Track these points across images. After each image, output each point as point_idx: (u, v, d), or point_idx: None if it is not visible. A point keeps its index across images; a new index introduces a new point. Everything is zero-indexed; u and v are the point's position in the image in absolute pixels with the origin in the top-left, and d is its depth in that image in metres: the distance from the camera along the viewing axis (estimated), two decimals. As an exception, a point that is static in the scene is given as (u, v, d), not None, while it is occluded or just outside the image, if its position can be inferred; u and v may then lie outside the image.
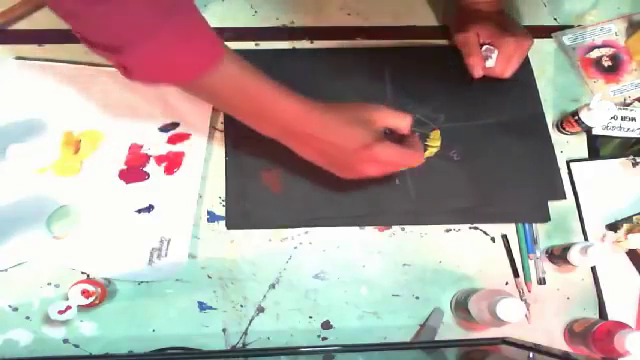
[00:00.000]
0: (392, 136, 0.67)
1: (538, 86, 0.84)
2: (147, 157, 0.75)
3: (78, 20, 0.53)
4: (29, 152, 0.73)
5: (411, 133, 0.68)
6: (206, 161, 0.75)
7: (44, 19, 0.81)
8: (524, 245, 0.76)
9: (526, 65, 0.83)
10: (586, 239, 0.77)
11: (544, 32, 0.88)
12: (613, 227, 0.77)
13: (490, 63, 0.77)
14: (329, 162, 0.66)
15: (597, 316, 0.74)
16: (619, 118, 0.81)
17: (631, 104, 0.84)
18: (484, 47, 0.77)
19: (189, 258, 0.71)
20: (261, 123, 0.64)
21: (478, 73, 0.76)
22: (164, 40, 0.54)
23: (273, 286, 0.72)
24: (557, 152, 0.80)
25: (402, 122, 0.66)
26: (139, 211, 0.72)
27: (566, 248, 0.71)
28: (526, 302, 0.73)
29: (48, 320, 0.65)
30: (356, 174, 0.66)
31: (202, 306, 0.70)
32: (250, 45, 0.82)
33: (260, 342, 0.70)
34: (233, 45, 0.82)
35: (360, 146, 0.63)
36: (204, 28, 0.58)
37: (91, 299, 0.64)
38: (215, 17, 0.84)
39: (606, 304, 0.74)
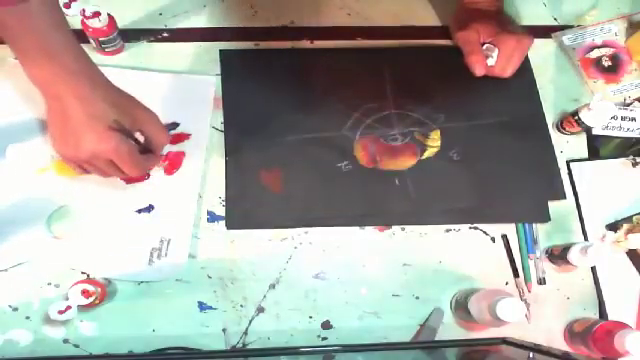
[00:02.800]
0: (140, 146, 0.67)
1: (538, 86, 0.84)
2: (147, 157, 0.75)
3: None
4: (29, 152, 0.73)
5: (158, 155, 0.69)
6: (206, 161, 0.75)
7: (44, 19, 0.81)
8: (524, 245, 0.76)
9: (526, 65, 0.83)
10: (586, 239, 0.77)
11: (544, 32, 0.88)
12: (613, 227, 0.77)
13: (491, 62, 0.77)
14: (62, 131, 0.63)
15: (597, 316, 0.74)
16: (619, 118, 0.81)
17: (631, 104, 0.84)
18: (485, 46, 0.77)
19: (189, 258, 0.71)
20: (31, 65, 0.61)
21: (480, 71, 0.76)
22: None
23: (273, 286, 0.72)
24: (557, 152, 0.80)
25: (161, 137, 0.67)
26: (139, 211, 0.72)
27: (566, 248, 0.71)
28: (526, 302, 0.73)
29: (48, 320, 0.65)
30: (73, 151, 0.63)
31: (202, 306, 0.70)
32: (250, 45, 0.82)
33: (260, 342, 0.70)
34: (233, 45, 0.83)
35: (104, 127, 0.61)
36: None
37: (91, 299, 0.64)
38: (215, 17, 0.84)
39: (606, 304, 0.74)
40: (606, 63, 0.87)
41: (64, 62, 0.61)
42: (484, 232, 0.76)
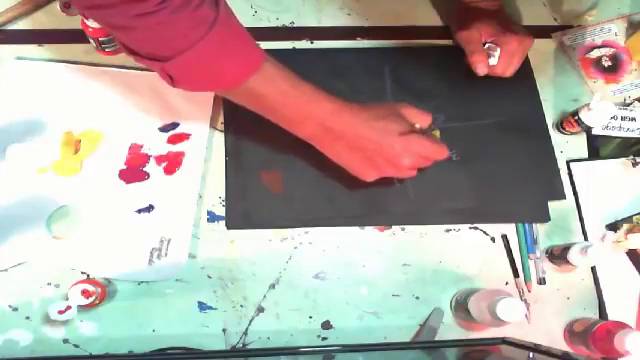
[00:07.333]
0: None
1: (538, 86, 0.84)
2: (147, 157, 0.75)
3: (129, 33, 0.56)
4: (29, 152, 0.73)
5: (429, 131, 0.71)
6: (206, 161, 0.75)
7: (44, 19, 0.81)
8: (524, 245, 0.76)
9: (526, 65, 0.83)
10: (586, 239, 0.77)
11: (544, 32, 0.88)
12: (613, 227, 0.77)
13: (493, 61, 0.77)
14: (363, 158, 0.66)
15: (597, 316, 0.74)
16: (619, 118, 0.81)
17: (631, 104, 0.84)
18: (486, 45, 0.77)
19: (189, 258, 0.71)
20: (298, 124, 0.65)
21: (482, 71, 0.76)
22: (207, 50, 0.56)
23: (273, 286, 0.72)
24: (557, 152, 0.80)
25: (424, 120, 0.69)
26: (139, 211, 0.72)
27: (566, 248, 0.71)
28: (526, 302, 0.73)
29: (48, 320, 0.65)
30: (391, 168, 0.67)
31: (202, 306, 0.70)
32: (250, 45, 0.82)
33: (260, 342, 0.70)
34: (233, 45, 0.82)
35: (397, 135, 0.65)
36: (244, 36, 0.61)
37: (91, 299, 0.64)
38: (215, 17, 0.84)
39: (606, 304, 0.74)
40: (606, 63, 0.87)
41: (320, 109, 0.64)
42: (484, 232, 0.76)
